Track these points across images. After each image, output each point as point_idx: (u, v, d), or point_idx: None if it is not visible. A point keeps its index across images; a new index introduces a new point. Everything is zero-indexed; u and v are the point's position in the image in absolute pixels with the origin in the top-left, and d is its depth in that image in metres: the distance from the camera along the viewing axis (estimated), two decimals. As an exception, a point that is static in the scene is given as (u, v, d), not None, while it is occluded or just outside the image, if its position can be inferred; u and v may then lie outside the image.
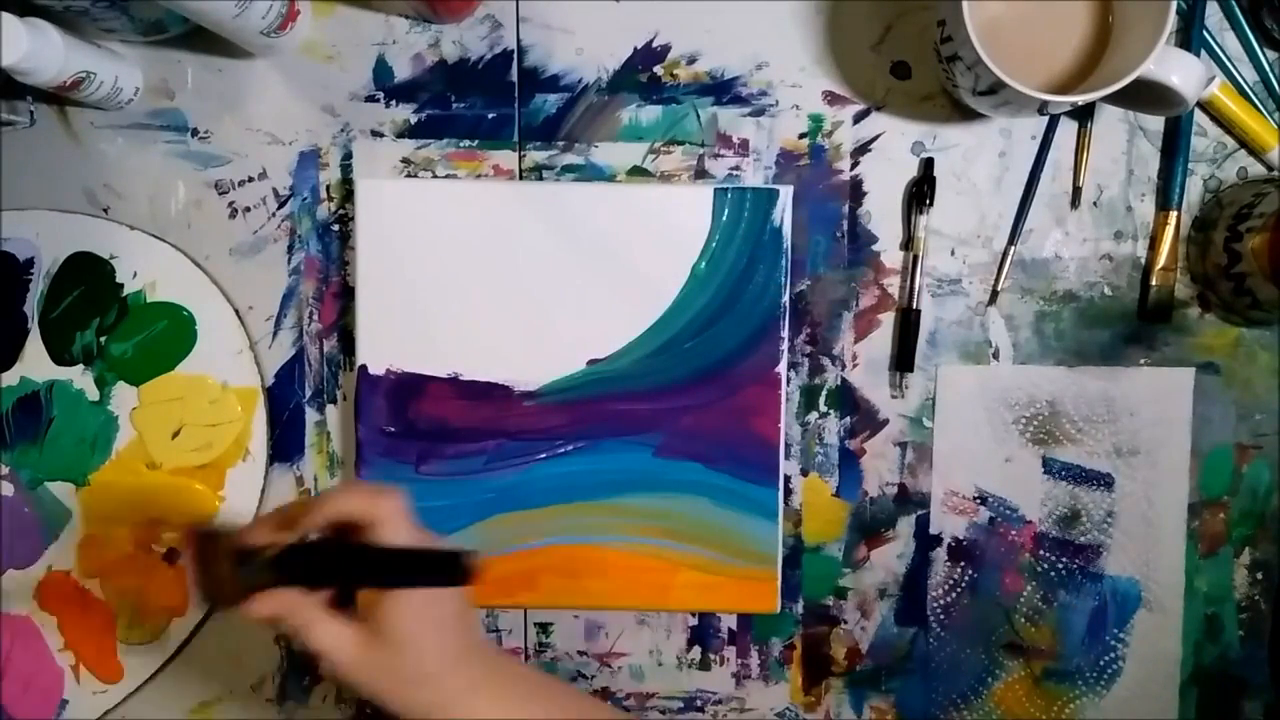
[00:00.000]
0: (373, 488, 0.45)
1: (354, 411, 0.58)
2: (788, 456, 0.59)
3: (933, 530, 0.60)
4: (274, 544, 0.44)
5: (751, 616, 0.60)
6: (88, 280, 0.59)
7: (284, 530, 0.44)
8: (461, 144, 0.58)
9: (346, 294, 0.59)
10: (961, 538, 0.60)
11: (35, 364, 0.59)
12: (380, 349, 0.57)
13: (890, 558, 0.60)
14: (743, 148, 0.58)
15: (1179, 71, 0.49)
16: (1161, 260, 0.58)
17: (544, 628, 0.60)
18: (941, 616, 0.60)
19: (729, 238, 0.57)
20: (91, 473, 0.59)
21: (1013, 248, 0.58)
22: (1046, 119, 0.58)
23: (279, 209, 0.59)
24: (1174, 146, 0.58)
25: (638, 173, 0.58)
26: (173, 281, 0.59)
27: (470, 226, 0.57)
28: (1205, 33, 0.57)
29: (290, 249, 0.59)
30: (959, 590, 0.60)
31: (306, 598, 0.44)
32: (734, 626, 0.60)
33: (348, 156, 0.59)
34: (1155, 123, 0.58)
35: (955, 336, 0.59)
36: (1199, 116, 0.58)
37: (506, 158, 0.58)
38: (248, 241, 0.59)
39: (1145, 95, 0.51)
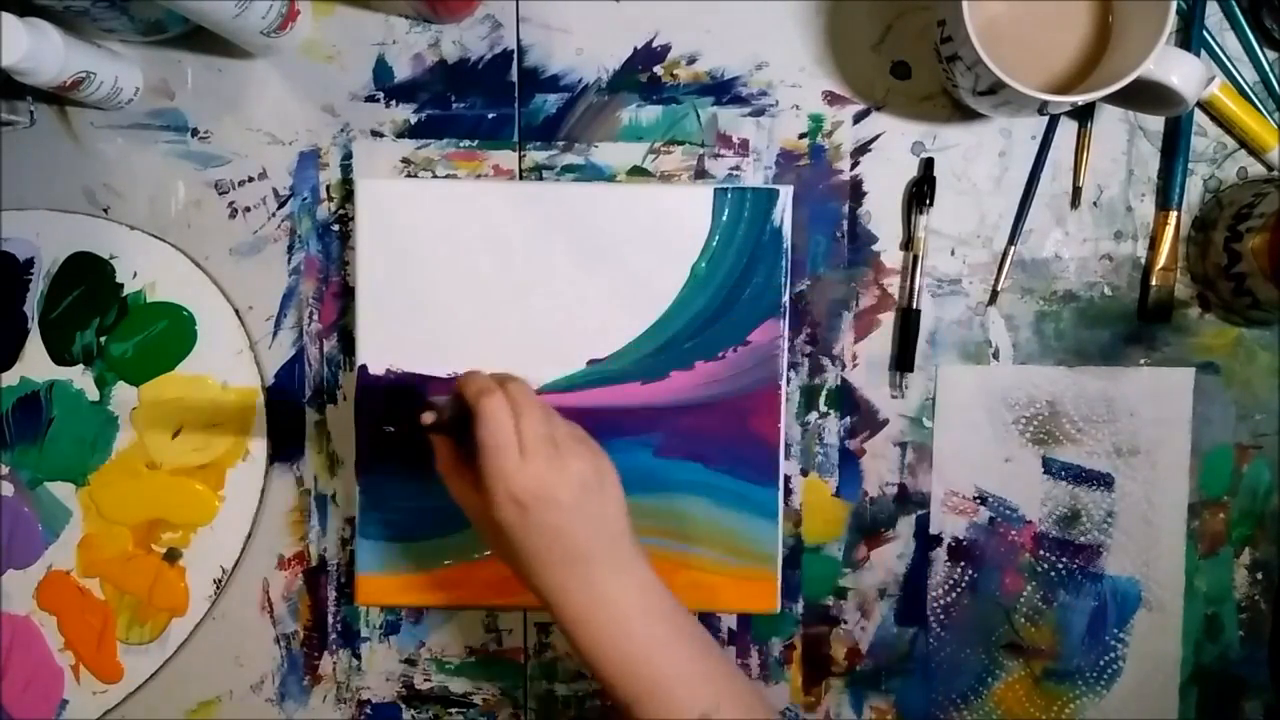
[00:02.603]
0: (486, 384, 0.47)
1: (354, 411, 0.58)
2: (788, 456, 0.59)
3: (933, 530, 0.60)
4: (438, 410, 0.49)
5: (751, 616, 0.60)
6: (88, 280, 0.59)
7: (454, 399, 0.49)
8: (461, 144, 0.58)
9: (346, 294, 0.59)
10: (961, 538, 0.60)
11: (35, 364, 0.59)
12: (380, 349, 0.57)
13: (890, 558, 0.60)
14: (743, 148, 0.58)
15: (1179, 71, 0.49)
16: (1161, 260, 0.58)
17: (544, 628, 0.60)
18: (941, 616, 0.60)
19: (729, 238, 0.57)
20: (91, 473, 0.59)
21: (1013, 248, 0.58)
22: (1046, 119, 0.58)
23: (279, 209, 0.59)
24: (1174, 146, 0.58)
25: (638, 173, 0.58)
26: (173, 281, 0.59)
27: (470, 226, 0.57)
28: (1205, 33, 0.57)
29: (290, 249, 0.59)
30: (959, 590, 0.60)
31: (445, 454, 0.49)
32: (734, 626, 0.60)
33: (348, 156, 0.59)
34: (1155, 123, 0.58)
35: (955, 336, 0.59)
36: (1199, 116, 0.58)
37: (506, 158, 0.58)
38: (248, 241, 0.59)
39: (1145, 95, 0.51)
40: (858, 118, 0.58)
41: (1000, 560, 0.60)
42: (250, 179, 0.59)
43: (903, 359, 0.58)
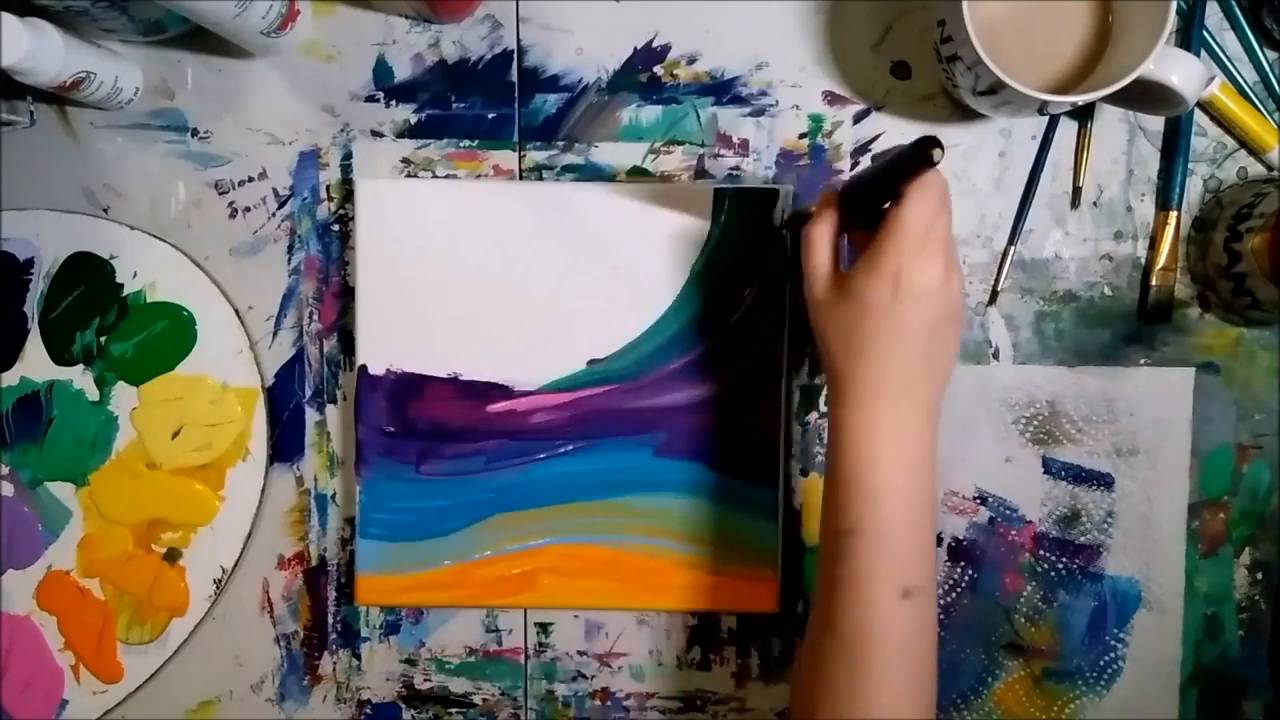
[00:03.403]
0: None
1: (354, 411, 0.58)
2: (788, 456, 0.59)
3: (933, 530, 0.60)
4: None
5: (751, 616, 0.60)
6: (88, 280, 0.59)
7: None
8: (461, 144, 0.58)
9: (346, 294, 0.59)
10: (961, 538, 0.60)
11: (35, 364, 0.59)
12: (380, 349, 0.57)
13: (890, 558, 0.60)
14: (743, 148, 0.58)
15: (1179, 71, 0.49)
16: (1161, 260, 0.58)
17: (544, 628, 0.60)
18: (941, 616, 0.60)
19: (729, 238, 0.57)
20: (91, 473, 0.59)
21: (1013, 248, 0.58)
22: (1046, 119, 0.58)
23: (279, 209, 0.59)
24: (1174, 146, 0.58)
25: (638, 173, 0.58)
26: (173, 281, 0.59)
27: (470, 226, 0.57)
28: (1205, 33, 0.57)
29: (290, 249, 0.59)
30: (959, 590, 0.60)
31: (828, 221, 0.47)
32: (734, 626, 0.60)
33: (348, 156, 0.59)
34: (1155, 123, 0.58)
35: (955, 336, 0.59)
36: (1199, 116, 0.58)
37: (506, 158, 0.58)
38: (248, 241, 0.59)
39: (1145, 95, 0.51)
40: (858, 118, 0.58)
41: (1000, 560, 0.60)
42: (250, 179, 0.59)
43: (903, 359, 0.58)
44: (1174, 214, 0.58)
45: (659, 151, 0.58)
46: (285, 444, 0.60)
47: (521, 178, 0.59)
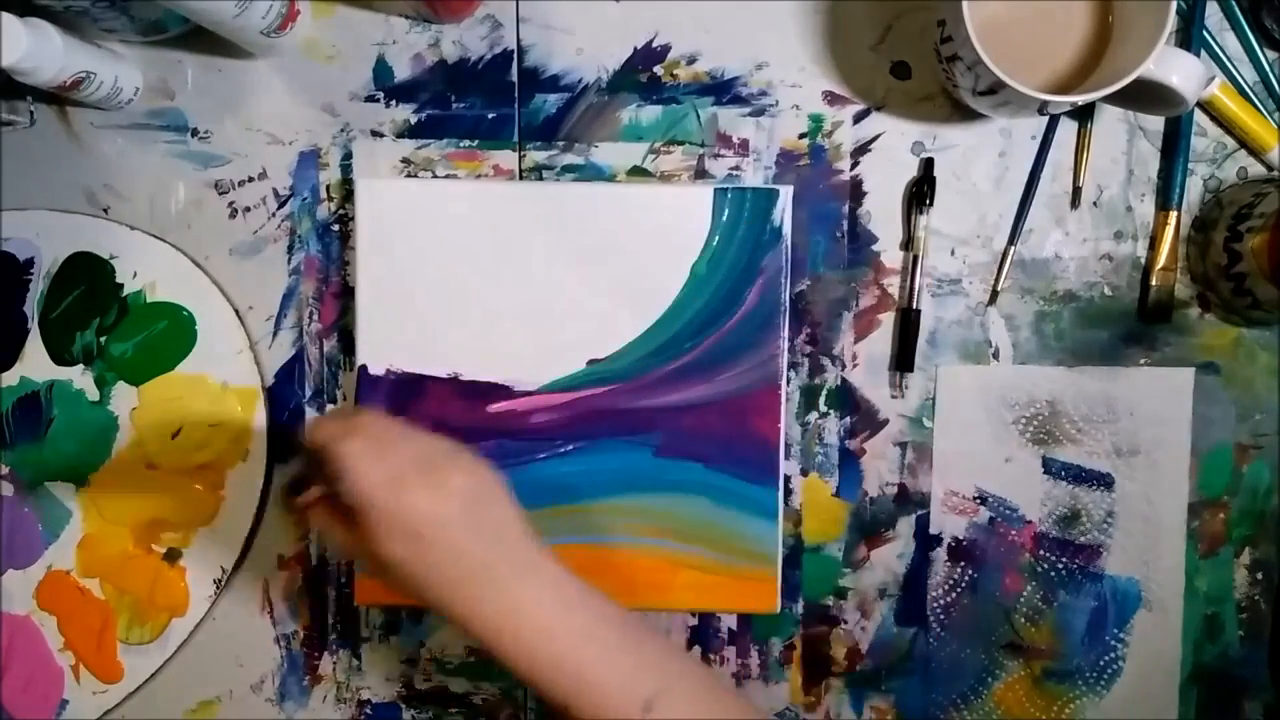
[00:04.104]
0: (335, 429, 0.44)
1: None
2: (788, 456, 0.59)
3: (933, 530, 0.60)
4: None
5: (751, 616, 0.60)
6: (88, 280, 0.59)
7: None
8: (461, 144, 0.58)
9: (346, 294, 0.59)
10: (961, 538, 0.60)
11: (35, 364, 0.59)
12: (380, 349, 0.57)
13: (890, 558, 0.60)
14: (743, 148, 0.58)
15: (1179, 71, 0.49)
16: (1161, 260, 0.58)
17: (544, 628, 0.60)
18: (941, 616, 0.60)
19: (729, 238, 0.57)
20: (91, 473, 0.59)
21: (1013, 248, 0.58)
22: (1046, 119, 0.58)
23: (279, 209, 0.59)
24: (1174, 146, 0.58)
25: (638, 173, 0.58)
26: (173, 281, 0.59)
27: (470, 226, 0.57)
28: (1205, 33, 0.57)
29: (290, 249, 0.59)
30: (959, 590, 0.60)
31: (321, 510, 0.47)
32: (734, 626, 0.60)
33: (348, 156, 0.59)
34: (1155, 123, 0.58)
35: (955, 336, 0.59)
36: (1199, 116, 0.58)
37: (506, 158, 0.58)
38: (248, 241, 0.59)
39: (1145, 95, 0.51)
40: (858, 118, 0.58)
41: (1000, 560, 0.60)
42: (250, 179, 0.59)
43: (903, 359, 0.58)
44: (1174, 214, 0.58)
45: (659, 151, 0.58)
46: (285, 444, 0.60)
47: (521, 178, 0.59)
